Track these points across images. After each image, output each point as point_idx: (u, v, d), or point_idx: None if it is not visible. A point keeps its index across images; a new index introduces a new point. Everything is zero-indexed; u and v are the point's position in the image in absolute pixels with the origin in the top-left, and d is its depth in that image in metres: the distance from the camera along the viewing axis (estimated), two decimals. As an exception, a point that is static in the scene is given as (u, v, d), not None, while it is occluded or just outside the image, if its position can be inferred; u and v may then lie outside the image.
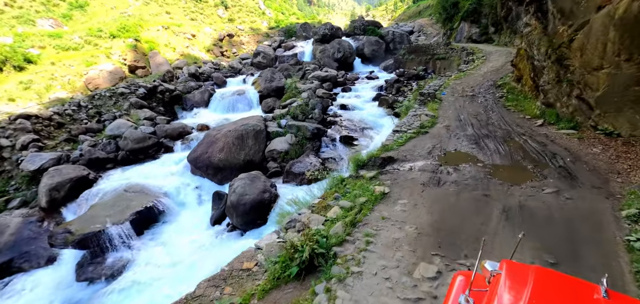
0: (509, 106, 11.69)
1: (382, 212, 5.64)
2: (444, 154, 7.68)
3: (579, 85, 8.96)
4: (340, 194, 5.70)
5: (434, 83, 16.69)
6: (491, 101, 12.64)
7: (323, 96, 23.43)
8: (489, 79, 16.64)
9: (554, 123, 9.22)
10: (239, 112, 26.79)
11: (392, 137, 9.34)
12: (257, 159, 16.49)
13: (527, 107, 11.13)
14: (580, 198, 5.63)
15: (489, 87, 14.85)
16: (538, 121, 9.64)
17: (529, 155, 7.22)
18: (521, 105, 11.68)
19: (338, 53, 38.91)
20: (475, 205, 5.60)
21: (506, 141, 8.31)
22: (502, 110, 11.35)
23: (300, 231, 5.04)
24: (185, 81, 30.07)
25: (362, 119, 18.96)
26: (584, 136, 8.17)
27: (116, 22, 43.24)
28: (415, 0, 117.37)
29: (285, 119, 18.16)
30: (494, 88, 14.53)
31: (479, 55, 24.89)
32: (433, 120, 10.67)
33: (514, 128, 9.39)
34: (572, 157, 6.82)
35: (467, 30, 39.53)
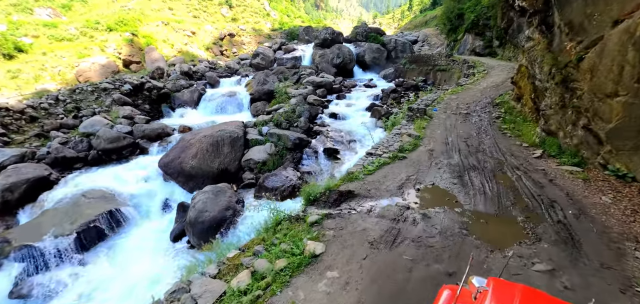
0: (505, 130, 10.24)
1: (297, 292, 4.06)
2: (417, 189, 6.25)
3: (587, 113, 7.48)
4: (264, 247, 4.26)
5: (428, 97, 15.26)
6: (486, 121, 11.19)
7: (314, 103, 22.06)
8: (487, 96, 15.18)
9: (554, 156, 7.77)
10: (228, 114, 25.52)
11: (364, 161, 7.94)
12: (232, 168, 15.13)
13: (526, 133, 9.68)
14: (583, 287, 4.10)
15: (486, 104, 13.39)
16: (536, 151, 8.18)
17: (521, 199, 5.76)
18: (519, 129, 10.23)
19: (337, 59, 37.55)
20: (431, 292, 3.70)
21: (496, 176, 6.87)
22: (497, 134, 9.90)
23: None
24: (176, 79, 28.83)
25: (350, 130, 17.53)
26: (590, 177, 6.69)
27: (115, 15, 42.27)
28: (422, 10, 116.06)
29: (267, 127, 16.79)
30: (491, 106, 13.07)
31: (480, 69, 23.41)
32: (416, 142, 9.25)
33: (507, 158, 7.94)
34: (575, 208, 5.36)
35: (471, 43, 38.05)
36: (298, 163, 15.03)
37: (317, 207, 5.45)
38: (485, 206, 5.48)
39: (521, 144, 8.83)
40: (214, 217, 10.44)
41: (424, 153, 8.38)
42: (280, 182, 12.84)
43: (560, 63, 7.94)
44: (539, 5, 9.02)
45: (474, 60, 28.28)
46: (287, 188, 12.69)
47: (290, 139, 15.18)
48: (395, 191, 6.01)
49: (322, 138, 16.66)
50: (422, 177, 6.88)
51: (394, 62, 42.26)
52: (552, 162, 7.48)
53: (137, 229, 12.84)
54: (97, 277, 10.02)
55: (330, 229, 4.51)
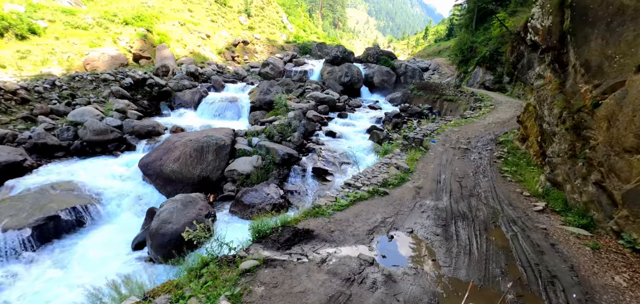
0: (506, 173, 9.04)
1: None
2: (390, 237, 5.11)
3: (601, 168, 6.32)
4: (169, 300, 3.16)
5: (429, 126, 14.19)
6: (486, 160, 10.01)
7: (313, 119, 21.14)
8: (491, 132, 14.01)
9: (559, 212, 6.56)
10: (226, 119, 24.80)
11: (339, 193, 6.84)
12: (214, 177, 14.14)
13: (528, 179, 8.48)
14: None
15: (489, 142, 12.22)
16: (539, 203, 6.99)
17: (514, 268, 4.55)
18: (521, 173, 9.03)
19: (345, 77, 36.83)
20: None
21: (488, 230, 5.69)
22: (496, 176, 8.72)
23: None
24: (180, 79, 28.32)
25: (345, 151, 16.46)
26: (600, 245, 5.46)
27: (133, 10, 42.50)
28: (436, 40, 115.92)
29: (258, 138, 15.84)
30: (493, 144, 11.89)
31: (487, 103, 22.27)
32: (404, 175, 8.12)
33: (504, 208, 6.75)
34: (581, 290, 4.10)
35: (481, 76, 37.02)
36: (284, 180, 13.99)
37: (264, 247, 4.35)
38: (468, 272, 4.30)
39: (522, 192, 7.63)
40: (176, 231, 9.37)
41: (410, 191, 7.23)
42: (259, 199, 11.78)
43: (572, 106, 6.84)
44: (552, 42, 7.97)
45: (482, 93, 27.19)
46: (265, 206, 11.61)
47: (279, 153, 14.17)
48: (363, 236, 4.88)
49: (314, 156, 15.62)
50: (401, 221, 5.73)
51: (403, 86, 41.41)
52: (556, 220, 6.28)
53: (101, 230, 11.84)
54: (37, 280, 8.98)
55: (262, 284, 3.38)
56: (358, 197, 6.50)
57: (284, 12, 77.70)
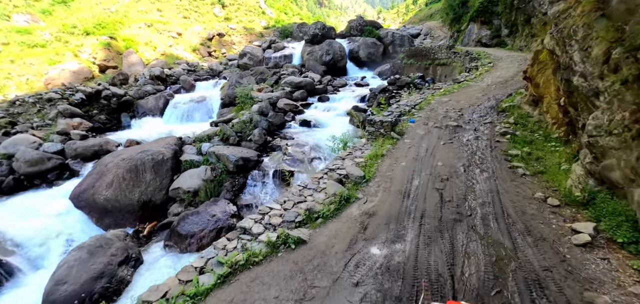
0: (516, 160, 6.25)
1: None
2: None
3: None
4: None
5: (411, 99, 11.43)
6: (485, 141, 7.30)
7: (284, 108, 18.45)
8: (490, 97, 11.23)
9: (624, 244, 3.78)
10: (195, 122, 22.19)
11: (214, 255, 4.12)
12: (157, 200, 11.69)
13: (552, 168, 5.71)
14: None
15: (488, 111, 9.47)
16: (579, 226, 4.14)
17: None
18: (539, 158, 6.21)
19: (327, 56, 33.77)
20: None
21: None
22: (501, 168, 5.96)
23: None
24: (143, 85, 25.64)
25: (317, 143, 13.85)
26: None
27: (93, 19, 39.50)
28: (427, 3, 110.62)
29: (209, 143, 13.24)
30: (494, 114, 9.14)
31: (484, 61, 19.32)
32: (351, 193, 5.36)
33: (519, 245, 3.99)
34: None
35: (476, 33, 33.70)
36: (240, 191, 11.46)
37: None
38: None
39: (545, 199, 4.84)
40: (75, 293, 6.96)
41: (350, 226, 4.50)
42: (199, 225, 9.30)
43: (633, 38, 4.03)
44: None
45: (478, 51, 24.11)
46: (208, 233, 9.15)
47: (231, 160, 11.60)
48: None
49: (278, 156, 13.03)
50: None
51: (392, 57, 38.23)
52: (615, 256, 3.60)
53: (20, 288, 9.54)
54: None
55: None
56: (241, 263, 3.84)
57: (262, -3, 73.68)
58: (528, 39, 27.81)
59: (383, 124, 8.22)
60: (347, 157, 7.16)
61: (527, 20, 27.72)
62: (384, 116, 8.68)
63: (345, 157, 7.19)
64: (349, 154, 7.31)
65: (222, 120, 15.88)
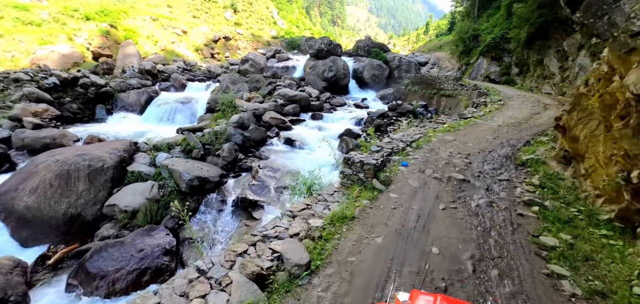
0: (554, 260, 3.87)
1: None
2: None
3: None
4: None
5: (405, 134, 9.24)
6: (502, 212, 5.02)
7: (270, 122, 16.33)
8: (504, 142, 9.05)
9: None
10: (175, 124, 20.01)
11: None
12: (89, 215, 9.43)
13: (616, 284, 3.45)
14: None
15: (503, 162, 7.28)
16: None
17: None
18: (591, 261, 3.81)
19: (329, 72, 31.89)
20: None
21: None
22: (531, 271, 3.59)
23: None
24: (129, 77, 23.70)
25: (295, 169, 11.60)
26: None
27: (98, 5, 38.02)
28: (438, 35, 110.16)
29: (168, 154, 11.04)
30: (511, 167, 6.95)
31: (494, 98, 17.25)
32: (285, 292, 3.22)
33: None
34: None
35: (485, 67, 31.85)
36: (189, 218, 9.13)
37: None
38: None
39: None
40: None
41: None
42: (118, 263, 7.03)
43: None
44: None
45: (487, 87, 22.14)
46: (125, 276, 6.86)
47: (184, 178, 9.37)
48: None
49: (246, 179, 10.81)
50: None
51: (397, 82, 36.38)
52: None
53: None
54: None
55: None
56: None
57: (275, 8, 72.86)
58: (539, 81, 25.85)
59: (364, 167, 6.03)
60: (301, 212, 4.93)
61: (540, 61, 25.82)
62: (369, 154, 6.50)
63: (298, 212, 4.94)
64: (305, 209, 5.09)
65: (190, 128, 13.70)
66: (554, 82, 23.53)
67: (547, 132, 10.02)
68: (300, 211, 5.00)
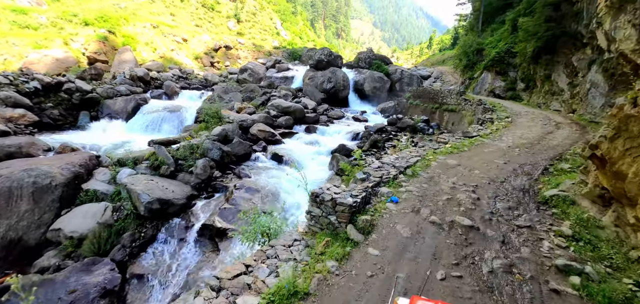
0: None
1: None
2: None
3: None
4: None
5: (403, 156, 7.74)
6: (529, 289, 3.46)
7: (257, 135, 15.00)
8: (517, 168, 7.58)
9: None
10: (162, 133, 18.72)
11: None
12: (32, 240, 8.05)
13: None
14: None
15: (520, 197, 5.77)
16: None
17: None
18: None
19: (328, 83, 30.69)
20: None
21: None
22: None
23: None
24: (119, 84, 22.61)
25: (276, 189, 10.23)
26: None
27: (97, 10, 37.40)
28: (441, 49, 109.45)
29: (131, 170, 9.69)
30: (531, 205, 5.44)
31: (501, 115, 15.81)
32: None
33: None
34: None
35: (490, 82, 30.48)
36: (143, 249, 7.75)
37: None
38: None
39: None
40: None
41: None
42: (35, 313, 5.53)
43: None
44: None
45: (492, 102, 20.72)
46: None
47: (142, 200, 8.00)
48: None
49: (220, 200, 9.41)
50: None
51: (398, 95, 35.11)
52: None
53: None
54: None
55: None
56: None
57: (279, 19, 72.47)
58: (547, 97, 24.37)
59: (336, 208, 4.60)
60: (233, 281, 3.42)
61: (547, 76, 24.38)
62: (352, 182, 5.09)
63: (229, 280, 3.40)
64: (241, 274, 3.60)
65: (162, 140, 12.30)
66: (563, 98, 22.04)
67: (565, 156, 8.55)
68: (232, 279, 3.51)
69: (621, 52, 16.02)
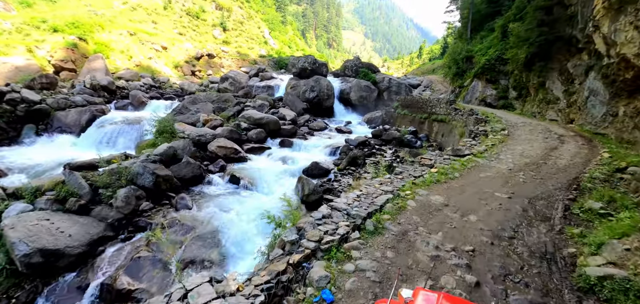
0: None
1: None
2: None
3: None
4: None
5: (370, 191, 5.51)
6: None
7: (215, 153, 12.79)
8: (527, 207, 5.53)
9: None
10: (117, 148, 16.36)
11: None
12: None
13: None
14: None
15: (544, 275, 3.65)
16: None
17: None
18: None
19: (311, 92, 28.69)
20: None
21: None
22: None
23: None
24: (77, 93, 20.24)
25: (221, 228, 7.98)
26: None
27: (68, 17, 35.01)
28: (431, 59, 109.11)
29: (29, 204, 7.36)
30: (566, 293, 3.35)
31: (495, 127, 13.90)
32: None
33: None
34: None
35: (480, 91, 28.83)
36: None
37: None
38: None
39: None
40: None
41: None
42: None
43: None
44: None
45: (484, 111, 18.93)
46: None
47: (18, 252, 5.74)
48: None
49: (140, 244, 7.10)
50: None
51: (386, 104, 33.31)
52: None
53: None
54: None
55: None
56: None
57: (267, 28, 70.78)
58: (542, 106, 22.61)
59: None
60: None
61: (541, 84, 22.68)
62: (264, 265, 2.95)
63: None
64: None
65: (79, 164, 9.87)
66: (559, 107, 20.28)
67: (584, 184, 6.54)
68: None
69: (623, 57, 14.34)
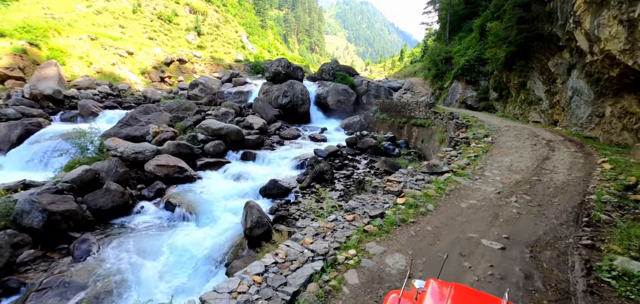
0: None
1: None
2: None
3: None
4: None
5: (290, 257, 3.71)
6: None
7: (153, 173, 10.64)
8: (528, 263, 3.81)
9: None
10: (50, 170, 13.88)
11: None
12: None
13: None
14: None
15: None
16: None
17: None
18: None
19: (284, 98, 26.76)
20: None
21: None
22: None
23: None
24: (12, 105, 17.54)
25: (124, 277, 5.75)
26: None
27: (19, 20, 31.80)
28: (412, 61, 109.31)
29: None
30: None
31: (478, 133, 12.35)
32: None
33: None
34: None
35: (460, 92, 27.64)
36: None
37: None
38: None
39: None
40: None
41: None
42: None
43: None
44: None
45: (465, 114, 17.51)
46: None
47: None
48: None
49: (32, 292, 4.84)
50: None
51: (365, 109, 31.83)
52: None
53: None
54: None
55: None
56: None
57: (245, 32, 68.46)
58: (524, 107, 21.39)
59: None
60: None
61: (522, 84, 21.47)
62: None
63: None
64: None
65: None
66: (541, 108, 19.08)
67: (596, 213, 4.92)
68: None
69: (607, 54, 13.12)
